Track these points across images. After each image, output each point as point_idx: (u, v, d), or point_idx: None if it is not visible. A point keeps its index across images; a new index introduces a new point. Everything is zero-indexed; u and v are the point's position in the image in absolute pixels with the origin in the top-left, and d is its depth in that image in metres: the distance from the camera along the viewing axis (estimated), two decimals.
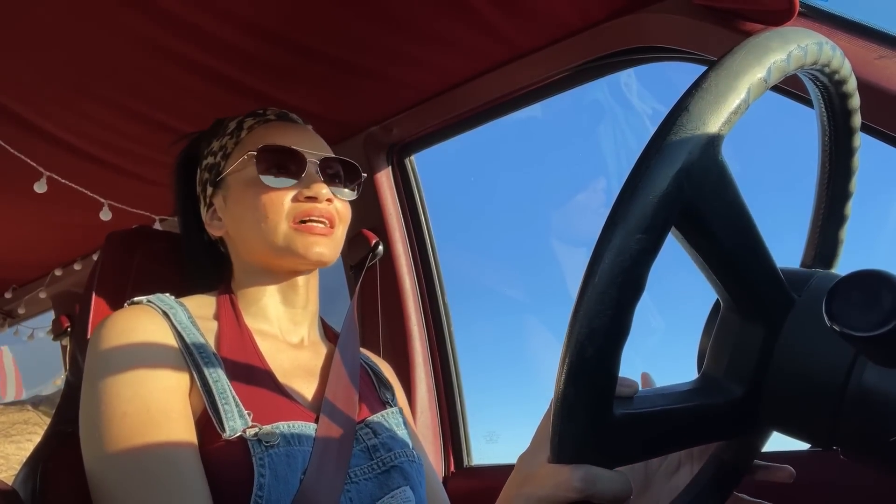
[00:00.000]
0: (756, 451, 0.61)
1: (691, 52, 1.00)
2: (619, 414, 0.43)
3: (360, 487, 0.80)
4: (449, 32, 1.11)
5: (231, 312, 0.87)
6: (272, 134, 0.90)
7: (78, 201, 1.61)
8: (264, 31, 1.09)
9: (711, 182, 0.43)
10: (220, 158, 0.92)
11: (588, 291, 0.40)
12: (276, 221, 0.85)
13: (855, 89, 0.54)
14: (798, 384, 0.47)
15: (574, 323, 0.40)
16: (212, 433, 0.73)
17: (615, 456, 0.44)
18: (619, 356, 0.41)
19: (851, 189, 0.61)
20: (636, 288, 0.40)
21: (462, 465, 1.44)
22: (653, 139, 0.41)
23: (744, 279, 0.48)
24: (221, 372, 0.77)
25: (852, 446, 0.47)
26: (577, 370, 0.40)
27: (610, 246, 0.39)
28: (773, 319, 0.49)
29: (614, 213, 0.40)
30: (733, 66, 0.42)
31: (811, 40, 0.47)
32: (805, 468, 0.97)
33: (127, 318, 0.78)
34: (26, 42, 1.10)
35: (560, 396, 0.41)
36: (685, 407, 0.48)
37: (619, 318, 0.40)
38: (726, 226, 0.45)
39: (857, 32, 0.85)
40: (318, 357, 0.92)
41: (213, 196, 0.92)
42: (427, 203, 1.52)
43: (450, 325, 1.49)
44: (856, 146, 0.59)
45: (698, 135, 0.40)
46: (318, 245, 0.86)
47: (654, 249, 0.40)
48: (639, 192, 0.40)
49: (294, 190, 0.86)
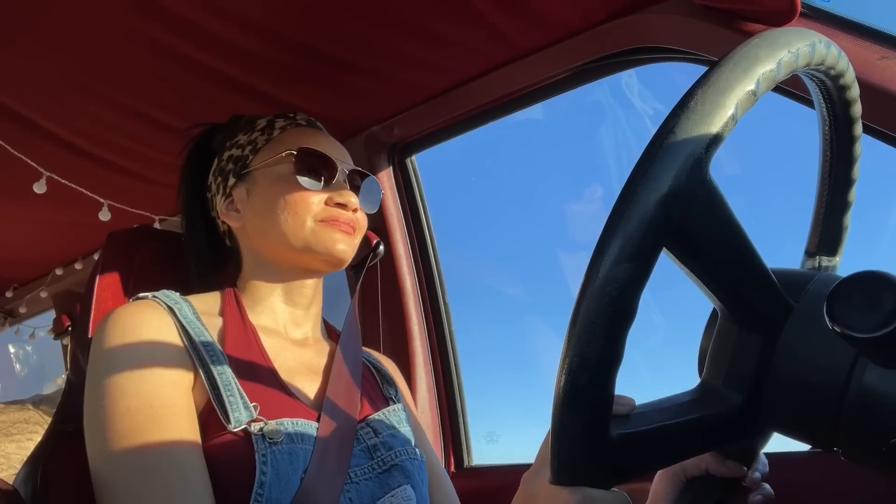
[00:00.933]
0: (757, 452, 0.61)
1: (692, 53, 1.00)
2: (617, 435, 0.44)
3: (361, 487, 0.79)
4: (450, 32, 1.11)
5: (235, 309, 0.87)
6: (306, 137, 0.93)
7: (78, 201, 1.61)
8: (265, 30, 1.09)
9: (700, 204, 0.42)
10: (248, 152, 0.94)
11: (578, 321, 0.40)
12: (303, 218, 0.87)
13: (853, 81, 0.54)
14: (798, 388, 0.47)
15: (567, 352, 0.40)
16: (216, 426, 0.73)
17: (614, 475, 0.44)
18: (613, 381, 0.41)
19: (854, 175, 0.61)
20: (626, 316, 0.40)
21: (462, 465, 1.44)
22: (638, 164, 0.41)
23: (739, 293, 0.48)
24: (226, 366, 0.78)
25: (853, 447, 0.47)
26: (571, 398, 0.41)
27: (598, 275, 0.39)
28: (770, 327, 0.49)
29: (602, 242, 0.40)
30: (720, 83, 0.42)
31: (803, 42, 0.46)
32: (806, 469, 0.97)
33: (132, 313, 0.78)
34: (27, 41, 1.10)
35: (556, 422, 0.42)
36: (684, 420, 0.48)
37: (611, 347, 0.40)
38: (717, 244, 0.45)
39: (858, 33, 0.85)
40: (322, 355, 0.92)
41: (234, 187, 0.94)
42: (428, 203, 1.52)
43: (450, 325, 1.49)
44: (857, 134, 0.58)
45: (685, 157, 0.40)
46: (342, 242, 0.88)
47: (644, 277, 0.40)
48: (625, 221, 0.39)
49: (324, 194, 0.89)
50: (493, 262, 2.94)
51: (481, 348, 2.08)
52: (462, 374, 1.48)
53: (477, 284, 2.69)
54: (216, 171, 0.97)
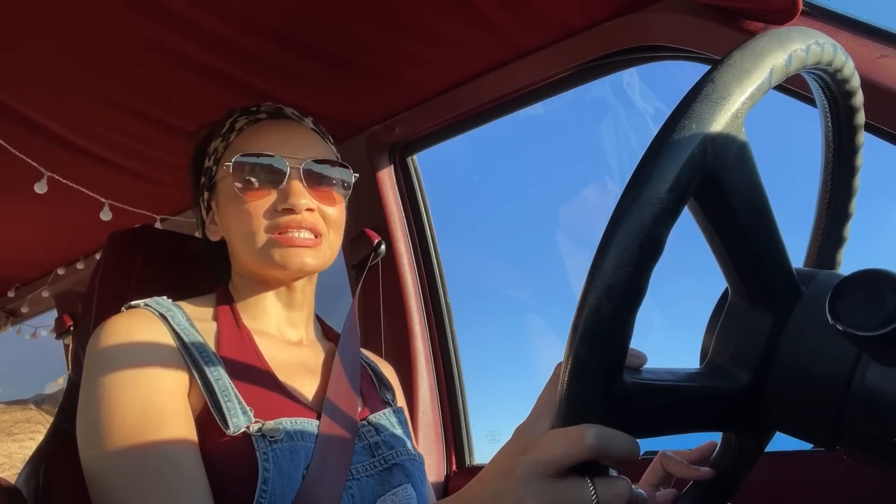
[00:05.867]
0: (758, 451, 0.61)
1: (694, 51, 1.00)
2: (629, 381, 0.43)
3: (362, 484, 0.80)
4: (451, 31, 1.11)
5: (229, 313, 0.87)
6: (258, 136, 0.88)
7: (79, 201, 1.61)
8: (267, 30, 1.09)
9: (734, 153, 0.43)
10: (212, 162, 0.91)
11: (609, 247, 0.39)
12: (255, 234, 0.83)
13: (858, 88, 0.54)
14: (802, 378, 0.47)
15: (592, 279, 0.40)
16: (214, 431, 0.73)
17: (622, 425, 0.43)
18: (633, 317, 0.40)
19: (855, 186, 0.61)
20: (656, 248, 0.39)
21: (464, 464, 1.44)
22: (680, 105, 0.41)
23: (756, 260, 0.48)
24: (222, 370, 0.78)
25: (855, 446, 0.47)
26: (591, 328, 0.40)
27: (633, 203, 0.39)
28: (780, 307, 0.49)
29: (639, 171, 0.40)
30: (758, 48, 0.43)
31: (826, 41, 0.48)
32: (809, 467, 0.97)
33: (123, 322, 0.78)
34: (27, 41, 1.10)
35: (572, 357, 0.41)
36: (692, 386, 0.48)
37: (638, 277, 0.39)
38: (744, 200, 0.45)
39: (859, 31, 0.85)
40: (318, 355, 0.92)
41: (210, 200, 0.92)
42: (429, 202, 1.52)
43: (452, 324, 1.49)
44: (859, 144, 0.58)
45: (723, 105, 0.41)
46: (299, 256, 0.83)
47: (676, 211, 0.40)
48: (664, 153, 0.40)
49: (273, 198, 0.84)
50: (494, 260, 2.94)
51: (483, 347, 2.08)
52: (463, 373, 1.48)
53: (478, 283, 2.70)
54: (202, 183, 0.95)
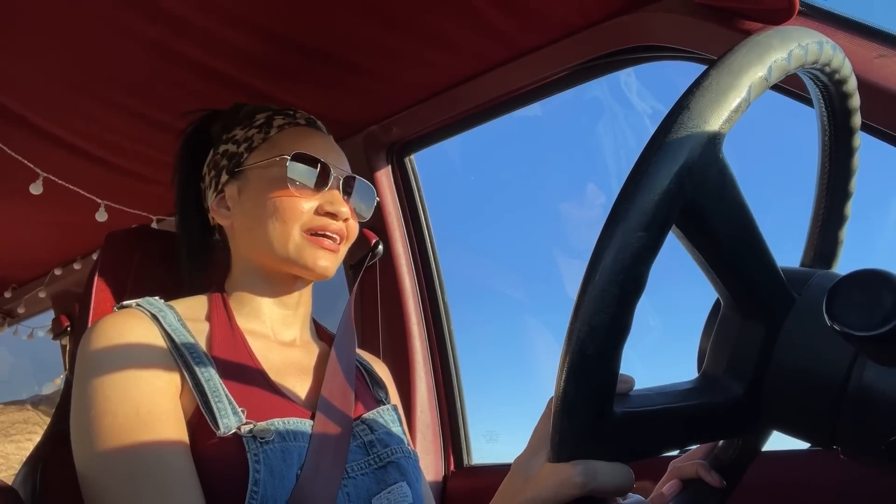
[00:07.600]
0: (756, 450, 0.61)
1: (691, 51, 1.00)
2: (620, 412, 0.43)
3: (358, 483, 0.80)
4: (449, 31, 1.10)
5: (223, 312, 0.87)
6: (303, 139, 0.91)
7: (75, 202, 1.61)
8: (263, 29, 1.09)
9: (712, 180, 0.43)
10: (243, 149, 0.92)
11: (589, 289, 0.40)
12: (290, 227, 0.86)
13: (855, 89, 0.54)
14: (798, 382, 0.47)
15: (575, 320, 0.40)
16: (205, 432, 0.73)
17: (614, 454, 0.44)
18: (619, 354, 0.41)
19: (851, 189, 0.61)
20: (637, 286, 0.40)
21: (462, 464, 1.44)
22: (654, 137, 0.41)
23: (744, 277, 0.48)
24: (213, 371, 0.78)
25: (852, 445, 0.47)
26: (577, 368, 0.40)
27: (611, 243, 0.39)
28: (773, 318, 0.49)
29: (616, 210, 0.40)
30: (734, 65, 0.42)
31: (812, 39, 0.47)
32: (805, 467, 0.97)
33: (115, 323, 0.78)
34: (23, 41, 1.09)
35: (560, 394, 0.41)
36: (685, 406, 0.48)
37: (620, 316, 0.40)
38: (727, 224, 0.45)
39: (856, 31, 0.85)
40: (311, 356, 0.92)
41: (226, 183, 0.92)
42: (427, 202, 1.52)
43: (450, 324, 1.49)
44: (856, 146, 0.59)
45: (699, 133, 0.41)
46: (325, 259, 0.87)
47: (655, 247, 0.40)
48: (640, 190, 0.39)
49: (316, 201, 0.87)
50: (492, 260, 2.95)
51: (480, 347, 2.08)
52: (461, 373, 1.48)
53: (476, 283, 2.70)
54: (210, 164, 0.95)
